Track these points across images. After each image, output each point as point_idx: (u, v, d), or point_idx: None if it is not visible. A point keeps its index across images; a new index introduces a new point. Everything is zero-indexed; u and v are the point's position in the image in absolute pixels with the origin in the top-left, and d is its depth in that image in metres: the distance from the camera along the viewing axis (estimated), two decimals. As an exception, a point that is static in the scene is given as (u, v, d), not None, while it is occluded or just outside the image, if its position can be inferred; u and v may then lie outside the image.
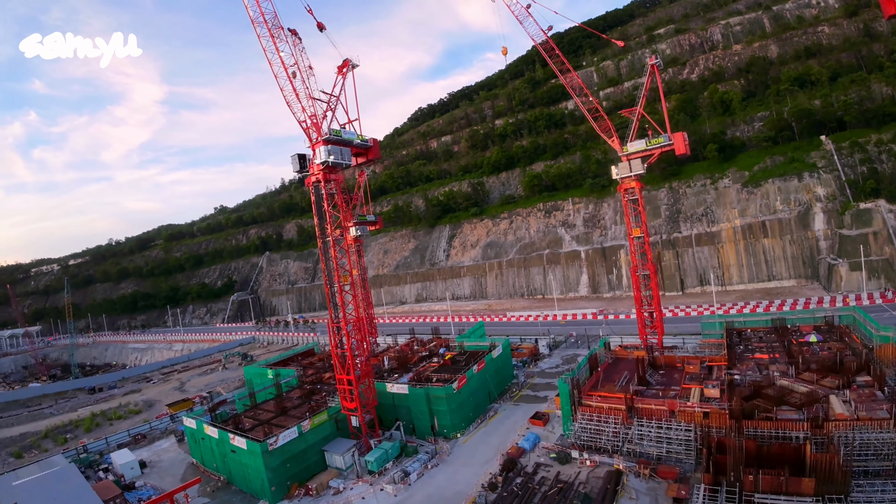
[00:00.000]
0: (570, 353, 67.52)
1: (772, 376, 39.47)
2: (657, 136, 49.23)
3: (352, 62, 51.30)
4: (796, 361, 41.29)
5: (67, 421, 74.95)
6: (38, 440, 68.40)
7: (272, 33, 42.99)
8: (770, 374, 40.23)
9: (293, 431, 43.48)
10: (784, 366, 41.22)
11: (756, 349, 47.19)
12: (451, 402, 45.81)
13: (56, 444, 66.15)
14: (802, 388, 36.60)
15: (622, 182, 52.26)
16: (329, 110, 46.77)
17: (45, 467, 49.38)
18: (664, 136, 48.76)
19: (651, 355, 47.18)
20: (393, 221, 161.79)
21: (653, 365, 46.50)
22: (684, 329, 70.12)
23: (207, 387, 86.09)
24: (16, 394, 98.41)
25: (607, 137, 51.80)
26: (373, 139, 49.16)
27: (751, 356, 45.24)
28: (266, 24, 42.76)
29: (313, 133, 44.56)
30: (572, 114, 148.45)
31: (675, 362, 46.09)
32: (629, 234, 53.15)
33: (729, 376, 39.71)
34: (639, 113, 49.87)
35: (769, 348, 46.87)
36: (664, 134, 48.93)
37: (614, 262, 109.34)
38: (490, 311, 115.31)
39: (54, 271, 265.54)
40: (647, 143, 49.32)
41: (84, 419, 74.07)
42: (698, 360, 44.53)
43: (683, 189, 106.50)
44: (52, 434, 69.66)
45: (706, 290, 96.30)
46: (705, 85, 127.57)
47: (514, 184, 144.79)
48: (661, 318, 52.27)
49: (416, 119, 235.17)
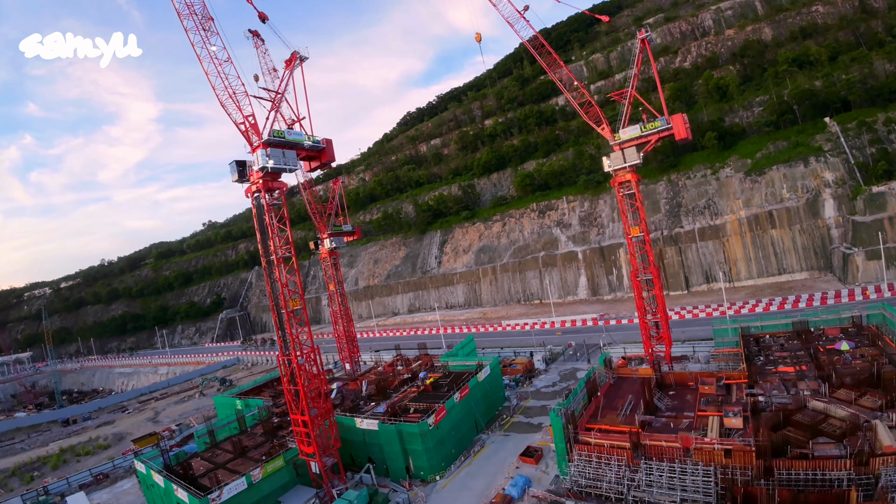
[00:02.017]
0: (568, 368, 61.01)
1: (802, 396, 33.05)
2: (653, 121, 42.90)
3: (300, 55, 45.43)
4: (828, 375, 34.86)
5: (36, 457, 69.59)
6: (5, 479, 63.65)
7: (203, 26, 37.10)
8: (799, 393, 33.81)
9: (241, 483, 37.48)
10: (815, 381, 34.74)
11: (779, 360, 40.71)
12: (427, 439, 39.41)
13: (23, 482, 61.85)
14: (840, 412, 30.21)
15: (616, 175, 45.82)
16: (274, 109, 40.90)
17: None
18: (661, 119, 42.46)
19: (659, 372, 40.69)
20: (383, 229, 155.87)
21: (661, 384, 40.06)
22: (693, 333, 63.70)
23: (182, 416, 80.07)
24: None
25: (596, 125, 45.52)
26: (325, 139, 42.97)
27: (773, 369, 38.79)
28: (194, 16, 36.84)
29: (253, 136, 38.53)
30: (563, 109, 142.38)
31: (688, 380, 39.65)
32: (626, 233, 46.67)
33: (751, 398, 33.29)
34: (630, 95, 43.59)
35: (794, 358, 40.39)
36: (661, 117, 42.63)
37: (614, 262, 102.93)
38: (485, 319, 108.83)
39: (46, 295, 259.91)
40: (642, 128, 42.93)
41: (52, 455, 68.88)
42: (714, 378, 38.07)
43: (683, 181, 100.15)
44: (19, 472, 65.00)
45: (713, 287, 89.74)
46: (699, 72, 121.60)
47: (506, 184, 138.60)
48: (668, 328, 45.67)
49: (405, 123, 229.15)
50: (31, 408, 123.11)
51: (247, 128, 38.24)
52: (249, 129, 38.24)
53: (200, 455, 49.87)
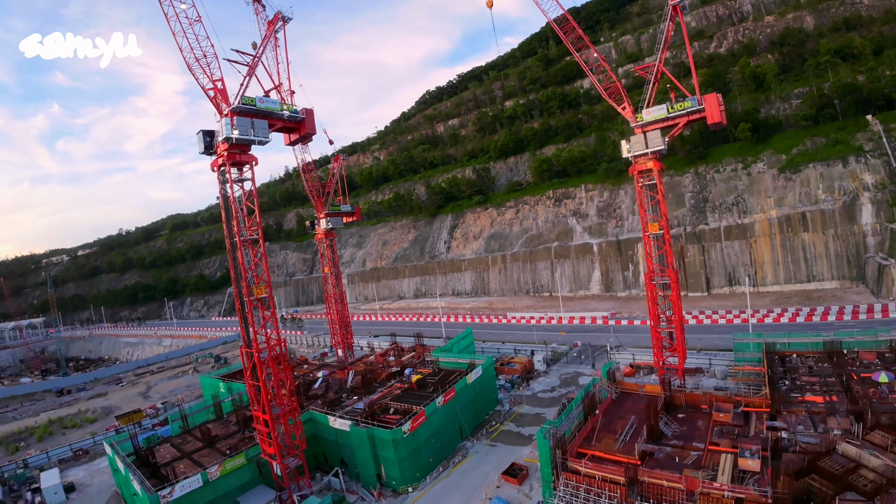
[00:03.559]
0: (570, 371, 56.23)
1: (831, 436, 27.83)
2: (682, 101, 37.10)
3: (283, 15, 40.83)
4: (862, 411, 29.42)
5: (24, 427, 68.35)
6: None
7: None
8: (828, 431, 28.58)
9: (196, 480, 34.47)
10: (846, 418, 29.38)
11: (806, 387, 35.30)
12: (400, 448, 35.44)
13: (7, 452, 60.30)
14: (874, 461, 25.04)
15: (635, 162, 40.11)
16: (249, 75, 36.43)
17: None
18: (692, 99, 36.64)
19: (668, 391, 35.74)
20: (394, 211, 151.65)
21: (670, 404, 35.13)
22: (710, 342, 58.33)
23: (172, 393, 78.15)
24: None
25: (616, 104, 39.93)
26: (306, 110, 38.49)
27: (800, 398, 33.47)
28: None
29: (223, 104, 34.23)
30: (588, 93, 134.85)
31: (701, 402, 34.62)
32: (644, 229, 41.17)
33: (773, 433, 28.25)
34: (658, 69, 37.75)
35: (823, 385, 34.94)
36: (692, 97, 36.81)
37: (630, 258, 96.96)
38: (490, 310, 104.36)
39: (64, 262, 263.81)
40: (669, 109, 37.14)
41: (40, 426, 67.48)
42: (731, 403, 32.99)
43: (711, 174, 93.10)
44: (5, 442, 63.68)
45: (735, 290, 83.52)
46: (735, 59, 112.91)
47: (523, 169, 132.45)
48: (683, 339, 40.36)
49: (424, 103, 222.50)
50: (36, 373, 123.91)
51: (215, 94, 34.09)
52: (218, 95, 34.08)
53: (171, 440, 47.49)
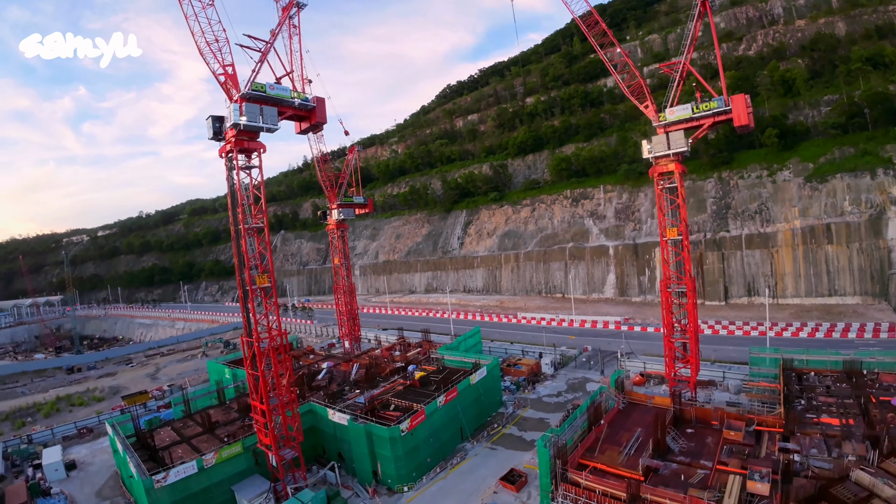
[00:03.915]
0: (578, 377, 54.85)
1: (845, 462, 26.21)
2: (708, 101, 35.38)
3: (297, 1, 40.04)
4: (878, 437, 27.64)
5: (32, 403, 69.63)
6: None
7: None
8: (843, 456, 26.95)
9: (191, 466, 34.32)
10: (862, 443, 27.68)
11: (823, 407, 33.54)
12: (397, 446, 34.72)
13: (14, 427, 61.31)
14: (888, 491, 23.46)
15: (656, 163, 38.45)
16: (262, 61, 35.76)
17: None
18: (718, 99, 34.90)
19: (678, 404, 34.27)
20: (409, 204, 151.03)
21: (679, 418, 33.70)
22: (725, 354, 56.43)
23: (180, 376, 78.78)
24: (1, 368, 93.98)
25: (639, 102, 38.32)
26: (317, 98, 37.66)
27: (816, 419, 31.77)
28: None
29: (233, 90, 33.67)
30: (611, 92, 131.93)
31: (711, 418, 33.12)
32: (662, 234, 39.53)
33: (785, 455, 26.74)
34: (684, 66, 36.05)
35: (840, 408, 33.11)
36: (718, 97, 35.07)
37: (647, 262, 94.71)
38: (501, 309, 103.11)
39: (84, 242, 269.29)
40: (695, 109, 35.46)
41: (48, 403, 68.57)
42: (743, 421, 31.44)
43: (735, 180, 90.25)
44: (12, 417, 64.73)
45: (754, 301, 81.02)
46: (764, 62, 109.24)
47: (541, 167, 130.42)
48: (697, 351, 38.67)
49: (444, 97, 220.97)
50: (50, 350, 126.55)
51: (226, 80, 33.55)
52: (228, 81, 33.54)
53: (172, 424, 47.70)
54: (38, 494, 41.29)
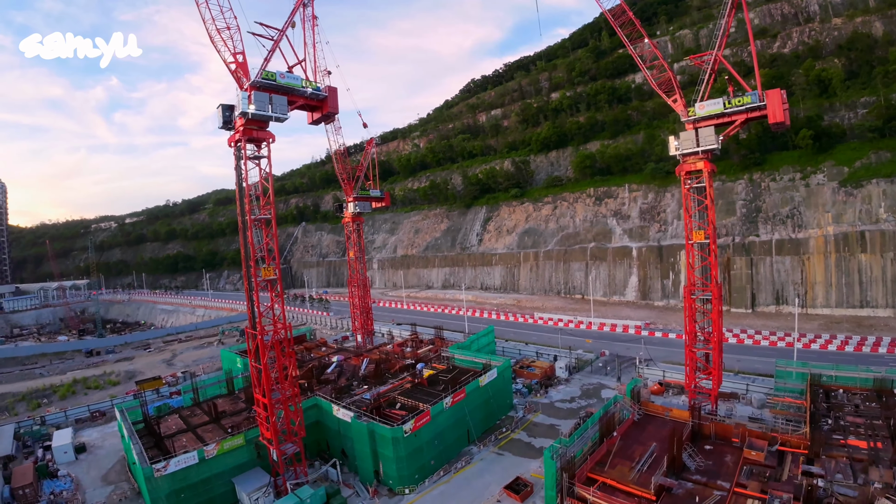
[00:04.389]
0: (593, 382, 52.88)
1: (871, 489, 24.03)
2: (741, 96, 33.05)
3: (314, -15, 39.06)
4: None
5: (49, 385, 70.90)
6: (14, 402, 64.82)
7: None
8: (869, 483, 24.74)
9: (192, 456, 34.11)
10: (889, 469, 25.47)
11: (850, 427, 31.13)
12: (399, 447, 33.68)
13: (29, 408, 62.57)
14: None
15: (684, 161, 36.20)
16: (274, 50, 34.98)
17: None
18: (752, 94, 32.54)
19: (697, 418, 32.28)
20: (429, 199, 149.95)
21: (697, 434, 31.72)
22: (750, 364, 53.75)
23: (195, 363, 79.57)
24: (19, 350, 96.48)
25: (667, 96, 36.17)
26: (329, 87, 36.65)
27: (842, 440, 29.47)
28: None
29: (244, 79, 33.00)
30: (640, 88, 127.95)
31: (732, 434, 31.10)
32: (687, 237, 37.29)
33: (808, 480, 24.65)
34: (715, 59, 33.78)
35: (869, 429, 30.67)
36: (752, 92, 32.72)
37: (672, 265, 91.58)
38: (518, 308, 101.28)
39: (112, 228, 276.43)
40: (726, 103, 33.17)
41: (64, 385, 69.71)
42: (766, 440, 29.32)
43: (767, 182, 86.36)
44: (28, 397, 65.94)
45: (782, 310, 77.59)
46: (799, 61, 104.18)
47: (564, 164, 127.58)
48: (720, 363, 36.35)
49: (468, 91, 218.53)
50: (73, 332, 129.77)
51: (237, 68, 32.88)
52: (239, 69, 32.86)
53: (180, 412, 47.80)
54: (46, 476, 41.80)
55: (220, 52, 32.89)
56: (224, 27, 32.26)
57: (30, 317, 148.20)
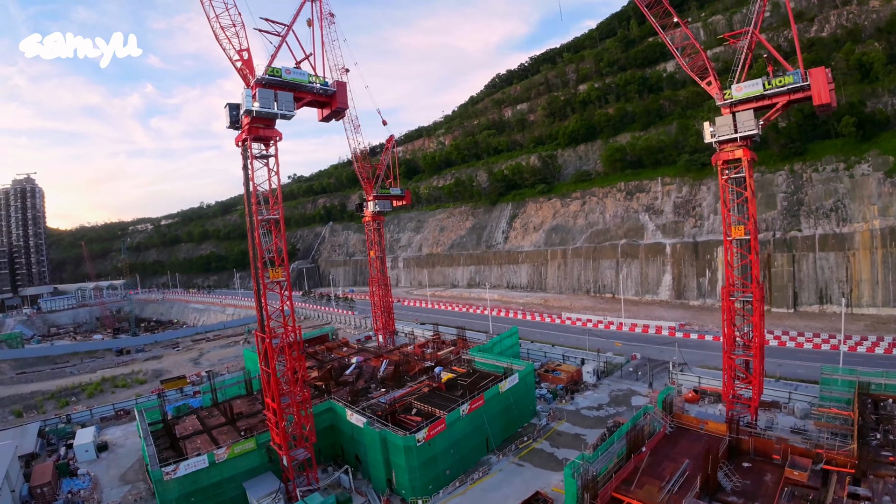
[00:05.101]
0: (623, 388, 49.98)
1: None
2: (782, 76, 29.86)
3: (324, -26, 37.68)
4: None
5: (78, 383, 72.69)
6: (44, 400, 66.43)
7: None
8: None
9: (202, 460, 33.67)
10: None
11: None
12: (412, 457, 32.12)
13: (58, 406, 64.19)
14: None
15: (720, 149, 32.94)
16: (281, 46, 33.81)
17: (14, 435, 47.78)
18: (794, 73, 29.33)
19: (735, 432, 29.40)
20: (454, 197, 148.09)
21: (735, 449, 28.87)
22: (791, 370, 49.97)
23: (220, 362, 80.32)
24: (51, 349, 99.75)
25: (700, 79, 33.13)
26: (338, 83, 35.23)
27: (892, 457, 26.20)
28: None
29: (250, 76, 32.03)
30: (671, 77, 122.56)
31: (772, 451, 28.16)
32: (725, 233, 33.91)
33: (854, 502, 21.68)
34: (752, 37, 30.70)
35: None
36: (793, 71, 29.51)
37: (708, 262, 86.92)
38: (545, 307, 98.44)
39: (148, 230, 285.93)
40: (766, 84, 30.02)
41: (93, 383, 71.33)
42: (809, 458, 26.31)
43: (808, 173, 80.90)
44: (57, 395, 67.58)
45: (826, 310, 72.58)
46: (838, 45, 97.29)
47: (593, 158, 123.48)
48: (761, 371, 32.98)
49: (493, 87, 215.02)
50: (108, 331, 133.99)
51: (242, 65, 31.96)
52: (244, 66, 31.93)
53: (199, 412, 47.78)
54: (66, 474, 42.20)
55: (225, 49, 32.13)
56: (229, 24, 31.41)
57: (67, 316, 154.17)
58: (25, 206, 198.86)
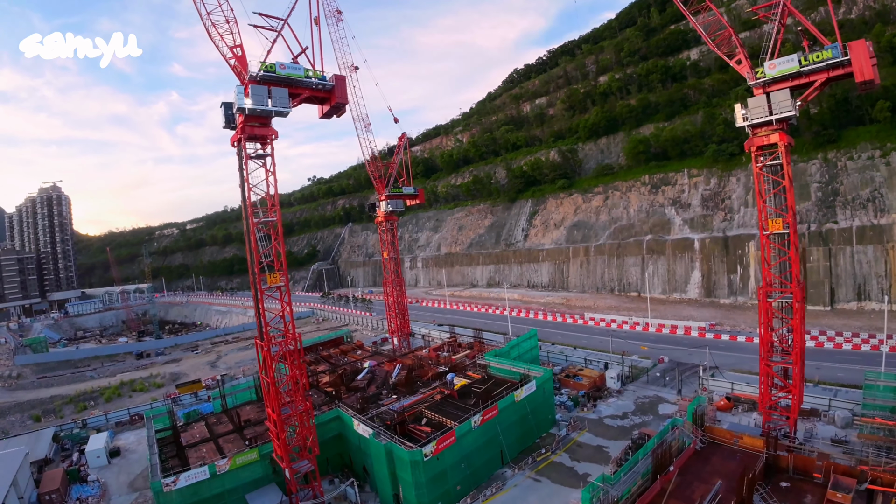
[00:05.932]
0: (650, 395, 46.83)
1: None
2: (819, 51, 26.69)
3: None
4: None
5: (97, 387, 73.15)
6: (62, 405, 66.98)
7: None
8: None
9: (202, 471, 32.59)
10: None
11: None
12: (419, 472, 30.14)
13: (76, 410, 64.65)
14: None
15: (754, 134, 29.71)
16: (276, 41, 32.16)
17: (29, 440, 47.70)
18: (832, 47, 26.13)
19: (773, 448, 26.43)
20: (472, 195, 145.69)
21: (773, 467, 25.92)
22: (831, 373, 46.27)
23: (238, 365, 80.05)
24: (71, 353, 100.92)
25: (728, 58, 30.05)
26: (337, 76, 33.34)
27: None
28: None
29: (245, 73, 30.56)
30: (696, 65, 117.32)
31: (813, 469, 25.14)
32: (761, 226, 30.62)
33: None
34: (783, 8, 27.58)
35: None
36: (831, 45, 26.31)
37: (739, 258, 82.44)
38: (567, 307, 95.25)
39: (174, 234, 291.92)
40: (802, 60, 26.86)
41: (111, 387, 71.70)
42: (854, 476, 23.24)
43: (843, 162, 75.96)
44: (76, 400, 68.15)
45: (865, 307, 67.90)
46: (868, 28, 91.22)
47: (615, 151, 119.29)
48: (801, 379, 29.60)
49: (511, 82, 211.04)
50: (133, 334, 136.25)
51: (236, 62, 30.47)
52: (238, 63, 30.45)
53: (207, 419, 47.03)
54: (76, 480, 41.68)
55: (218, 47, 30.62)
56: (222, 21, 29.94)
57: (94, 320, 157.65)
58: (52, 214, 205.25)
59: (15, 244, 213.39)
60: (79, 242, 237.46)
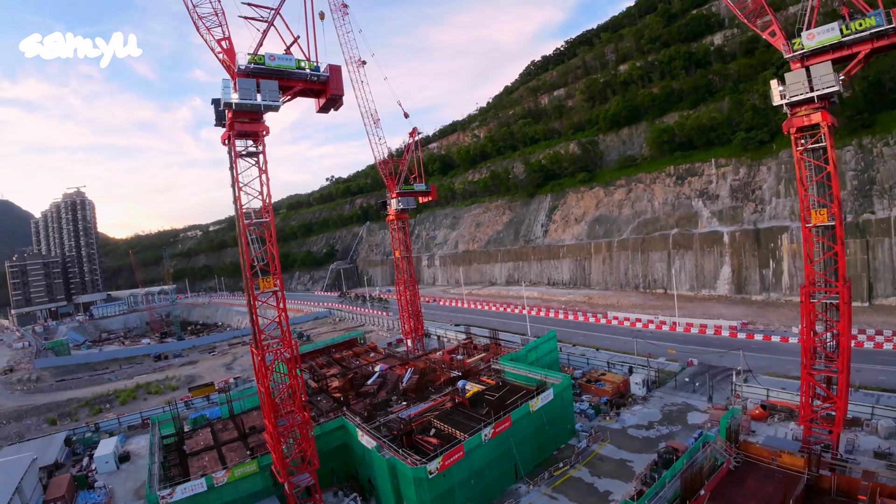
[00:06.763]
0: (678, 402, 43.54)
1: None
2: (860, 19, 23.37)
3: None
4: None
5: (113, 390, 73.01)
6: (77, 408, 66.95)
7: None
8: None
9: (199, 484, 31.46)
10: None
11: None
12: (423, 490, 28.03)
13: (91, 413, 64.41)
14: None
15: (793, 115, 26.22)
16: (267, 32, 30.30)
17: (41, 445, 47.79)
18: (875, 14, 22.79)
19: (815, 467, 23.37)
20: (490, 190, 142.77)
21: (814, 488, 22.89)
22: (872, 376, 42.48)
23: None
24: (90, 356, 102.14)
25: (761, 31, 26.76)
26: (332, 66, 31.29)
27: None
28: None
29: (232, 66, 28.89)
30: (720, 50, 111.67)
31: (857, 492, 22.04)
32: (803, 218, 27.35)
33: None
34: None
35: None
36: (874, 12, 22.97)
37: (772, 252, 77.82)
38: (589, 305, 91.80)
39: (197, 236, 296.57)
40: (844, 29, 23.58)
41: (127, 390, 71.55)
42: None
43: (879, 148, 70.87)
44: (92, 403, 68.07)
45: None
46: None
47: (638, 142, 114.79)
48: (846, 387, 26.32)
49: (528, 74, 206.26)
50: (156, 335, 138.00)
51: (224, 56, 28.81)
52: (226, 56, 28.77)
53: (213, 425, 46.14)
54: (84, 486, 40.97)
55: (206, 40, 28.95)
56: (210, 13, 28.27)
57: (118, 322, 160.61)
58: (76, 218, 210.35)
59: (41, 249, 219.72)
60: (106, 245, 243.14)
